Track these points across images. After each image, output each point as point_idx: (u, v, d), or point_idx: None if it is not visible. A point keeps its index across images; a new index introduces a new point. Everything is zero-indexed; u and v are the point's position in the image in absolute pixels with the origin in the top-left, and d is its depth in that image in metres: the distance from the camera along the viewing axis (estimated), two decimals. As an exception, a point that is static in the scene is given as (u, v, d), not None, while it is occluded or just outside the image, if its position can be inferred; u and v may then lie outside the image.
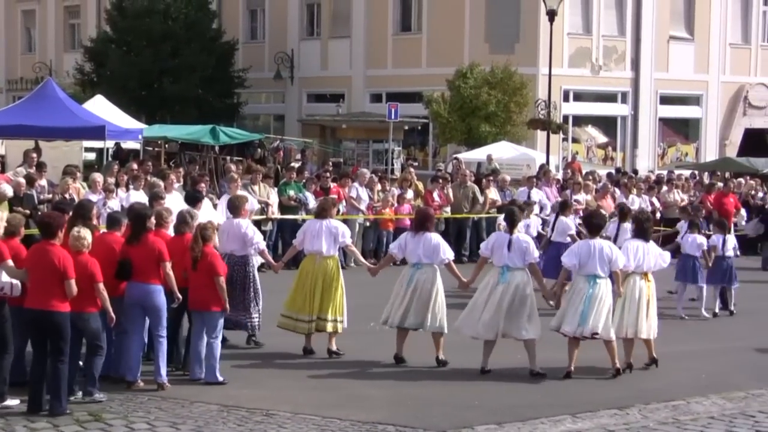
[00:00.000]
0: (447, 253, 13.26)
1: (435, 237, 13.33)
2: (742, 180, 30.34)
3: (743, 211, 27.65)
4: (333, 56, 42.48)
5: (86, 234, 10.96)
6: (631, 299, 13.22)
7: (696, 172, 34.70)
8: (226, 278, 12.31)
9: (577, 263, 12.74)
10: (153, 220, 12.06)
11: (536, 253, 13.11)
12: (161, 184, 17.10)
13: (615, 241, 15.33)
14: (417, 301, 13.08)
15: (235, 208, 13.94)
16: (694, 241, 18.13)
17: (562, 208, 19.14)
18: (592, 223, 13.30)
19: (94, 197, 18.22)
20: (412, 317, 13.11)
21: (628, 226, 16.15)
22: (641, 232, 13.73)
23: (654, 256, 13.50)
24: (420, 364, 13.14)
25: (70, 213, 11.99)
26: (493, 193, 25.35)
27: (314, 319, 13.56)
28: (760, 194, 29.44)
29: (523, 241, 12.99)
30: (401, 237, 13.71)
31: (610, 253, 12.81)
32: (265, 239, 17.79)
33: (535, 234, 18.63)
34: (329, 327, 13.57)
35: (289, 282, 14.05)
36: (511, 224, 13.09)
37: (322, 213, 14.01)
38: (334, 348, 13.65)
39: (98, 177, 19.92)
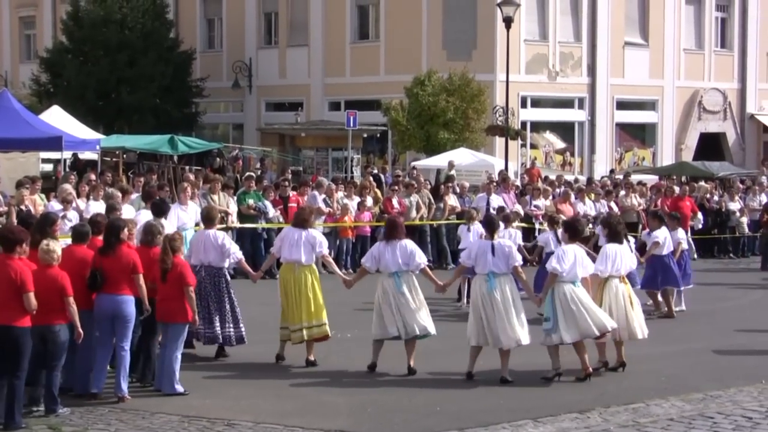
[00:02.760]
0: (422, 258, 13.27)
1: (409, 243, 13.30)
2: (704, 184, 30.59)
3: (699, 215, 27.93)
4: (291, 65, 42.46)
5: (56, 247, 10.92)
6: (617, 303, 13.31)
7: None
8: (203, 291, 12.30)
9: (567, 269, 12.76)
10: (126, 231, 12.01)
11: (519, 257, 13.10)
12: (119, 194, 17.07)
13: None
14: (414, 309, 13.00)
15: (209, 219, 13.89)
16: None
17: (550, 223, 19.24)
18: (575, 229, 13.35)
19: (59, 206, 18.21)
20: (411, 325, 13.02)
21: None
22: (614, 236, 13.84)
23: (628, 258, 13.68)
24: (382, 371, 13.13)
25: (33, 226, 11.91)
26: (452, 200, 25.44)
27: (304, 326, 13.50)
28: (716, 197, 29.75)
29: (506, 245, 12.99)
30: (373, 248, 13.62)
31: (584, 260, 12.92)
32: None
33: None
34: (315, 332, 13.55)
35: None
36: (491, 230, 13.11)
37: (302, 223, 13.91)
38: (312, 358, 13.60)
39: (69, 188, 19.80)
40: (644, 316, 14.00)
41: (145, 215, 15.55)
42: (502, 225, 18.77)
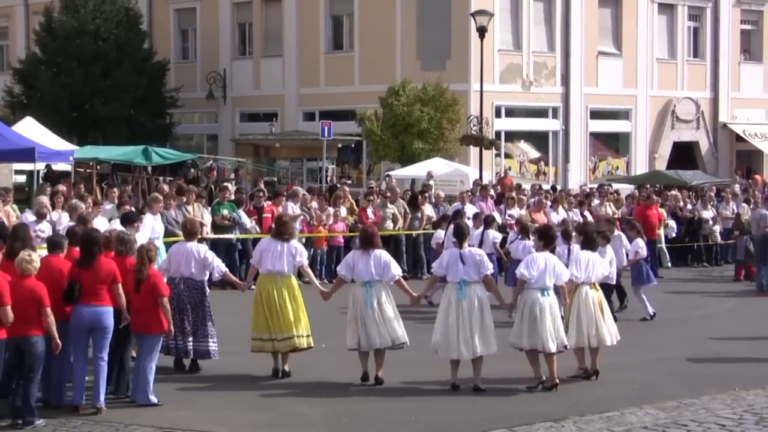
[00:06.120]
0: (396, 269, 13.27)
1: (384, 254, 13.29)
2: (677, 193, 30.70)
3: (673, 223, 28.08)
4: (265, 75, 42.42)
5: (35, 257, 10.89)
6: (586, 310, 13.37)
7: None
8: (180, 304, 12.27)
9: (536, 276, 12.80)
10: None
11: (490, 265, 13.11)
12: (83, 206, 17.03)
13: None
14: (386, 320, 12.99)
15: (191, 233, 13.84)
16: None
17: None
18: (548, 236, 13.40)
19: (32, 218, 18.14)
20: (383, 337, 13.02)
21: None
22: (589, 243, 13.91)
23: (600, 266, 13.74)
24: (355, 381, 13.13)
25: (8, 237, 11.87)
26: (428, 209, 25.49)
27: (294, 335, 13.46)
28: (689, 206, 29.89)
29: (476, 253, 13.02)
30: (348, 257, 13.59)
31: (558, 268, 12.96)
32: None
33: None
34: (304, 342, 13.55)
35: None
36: (460, 238, 13.14)
37: (285, 235, 13.83)
38: (287, 368, 13.57)
39: (45, 200, 19.72)
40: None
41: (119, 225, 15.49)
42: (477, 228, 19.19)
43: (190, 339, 13.49)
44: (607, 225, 18.96)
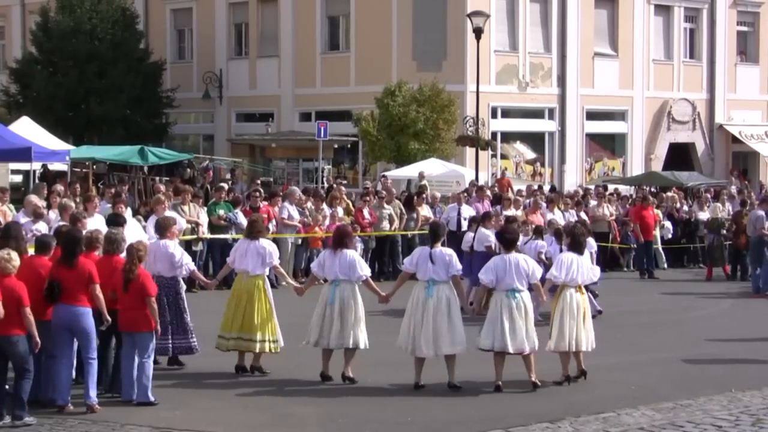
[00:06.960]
0: (364, 269, 13.29)
1: (351, 254, 13.31)
2: (673, 194, 30.71)
3: (669, 224, 28.10)
4: (261, 75, 42.41)
5: (15, 256, 10.86)
6: (570, 313, 13.30)
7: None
8: (156, 301, 12.23)
9: (494, 279, 12.83)
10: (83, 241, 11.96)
11: (459, 266, 13.15)
12: (72, 205, 16.99)
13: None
14: (343, 320, 13.02)
15: (162, 228, 13.84)
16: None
17: (483, 219, 19.60)
18: (506, 238, 13.41)
19: (24, 219, 18.07)
20: (340, 337, 13.06)
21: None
22: (576, 246, 13.87)
23: (587, 269, 13.68)
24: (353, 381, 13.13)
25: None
26: (425, 210, 25.49)
27: (234, 337, 13.49)
28: (685, 207, 29.91)
29: (446, 253, 13.06)
30: (320, 255, 13.82)
31: (527, 267, 12.92)
32: (195, 259, 17.71)
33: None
34: (257, 347, 13.49)
35: (221, 302, 14.01)
36: (434, 238, 13.21)
37: (253, 233, 13.94)
38: (258, 365, 13.61)
39: (35, 199, 19.67)
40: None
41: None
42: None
43: (168, 337, 13.43)
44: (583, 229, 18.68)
